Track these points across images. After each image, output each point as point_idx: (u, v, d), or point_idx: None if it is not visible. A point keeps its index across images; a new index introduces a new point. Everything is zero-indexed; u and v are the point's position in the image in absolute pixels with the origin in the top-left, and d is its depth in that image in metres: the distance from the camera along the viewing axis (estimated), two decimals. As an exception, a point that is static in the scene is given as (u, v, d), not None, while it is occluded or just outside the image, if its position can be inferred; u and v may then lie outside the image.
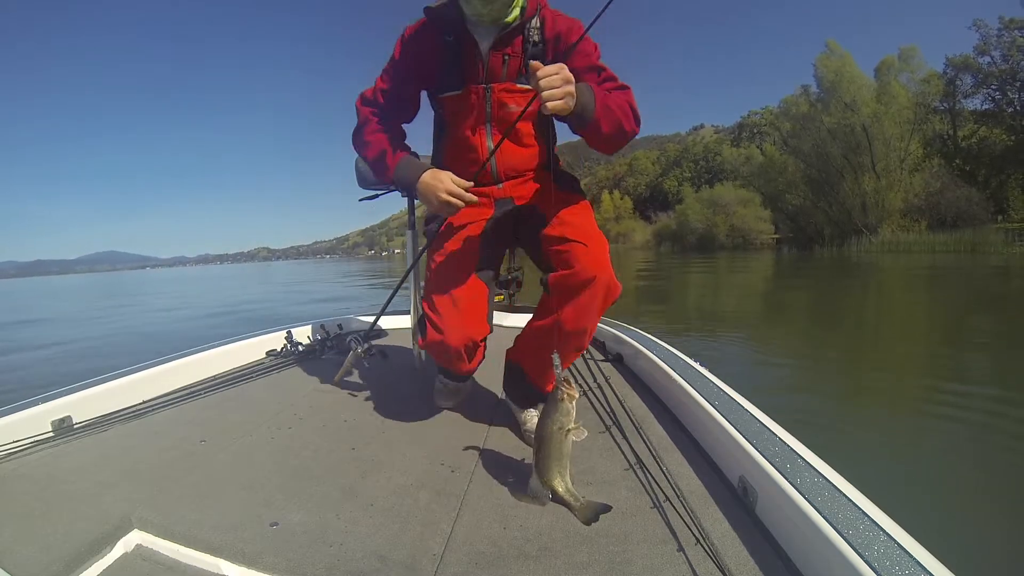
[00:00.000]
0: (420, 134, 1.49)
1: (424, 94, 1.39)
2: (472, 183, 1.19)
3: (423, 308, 1.30)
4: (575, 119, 1.10)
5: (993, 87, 29.62)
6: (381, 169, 1.31)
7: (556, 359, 1.00)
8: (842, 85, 27.23)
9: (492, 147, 1.28)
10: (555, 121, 1.29)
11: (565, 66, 1.01)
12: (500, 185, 1.35)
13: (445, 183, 1.17)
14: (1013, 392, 3.23)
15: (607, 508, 0.97)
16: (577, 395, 0.99)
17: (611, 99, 1.15)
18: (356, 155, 1.50)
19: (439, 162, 1.41)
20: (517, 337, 1.39)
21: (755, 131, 60.16)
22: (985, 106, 30.56)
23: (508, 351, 1.41)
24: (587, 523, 0.93)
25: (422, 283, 1.49)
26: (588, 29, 1.16)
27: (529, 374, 1.33)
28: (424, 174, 1.21)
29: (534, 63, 0.99)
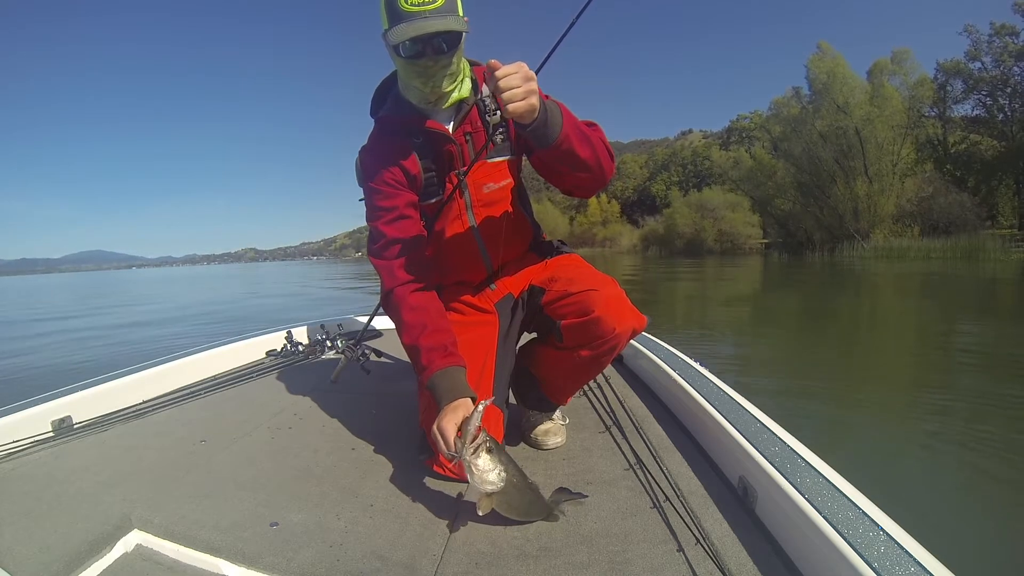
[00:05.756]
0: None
1: None
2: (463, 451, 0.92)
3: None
4: (539, 131, 0.97)
5: (984, 93, 29.64)
6: (415, 363, 1.12)
7: (479, 408, 0.91)
8: (834, 87, 26.75)
9: (477, 230, 1.24)
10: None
11: (525, 64, 0.91)
12: (493, 286, 1.31)
13: (446, 424, 0.96)
14: (1011, 389, 3.25)
15: (577, 495, 1.00)
16: (480, 444, 0.89)
17: (582, 124, 1.08)
18: (355, 155, 1.45)
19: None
20: (527, 343, 1.35)
21: (744, 135, 59.86)
22: (976, 112, 30.61)
23: (519, 351, 1.35)
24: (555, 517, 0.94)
25: None
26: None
27: (541, 385, 1.29)
28: (449, 406, 1.00)
29: (492, 61, 0.91)
